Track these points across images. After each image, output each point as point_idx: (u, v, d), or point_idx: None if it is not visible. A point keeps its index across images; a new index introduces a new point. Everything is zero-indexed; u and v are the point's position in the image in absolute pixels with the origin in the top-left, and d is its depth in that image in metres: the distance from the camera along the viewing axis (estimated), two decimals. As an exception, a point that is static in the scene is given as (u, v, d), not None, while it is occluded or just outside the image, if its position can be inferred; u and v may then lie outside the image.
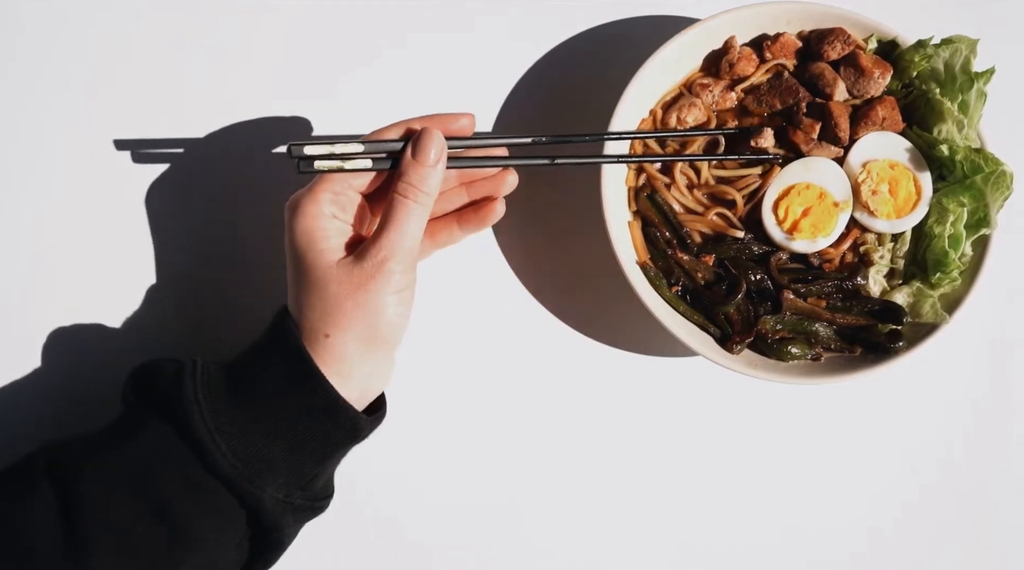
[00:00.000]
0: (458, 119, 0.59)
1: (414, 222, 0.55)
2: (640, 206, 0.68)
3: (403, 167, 0.55)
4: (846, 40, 0.67)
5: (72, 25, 0.72)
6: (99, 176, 0.70)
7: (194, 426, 0.51)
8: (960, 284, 0.65)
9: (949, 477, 0.73)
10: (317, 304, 0.53)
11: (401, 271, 0.54)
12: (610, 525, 0.71)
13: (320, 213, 0.54)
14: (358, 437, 0.55)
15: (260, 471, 0.52)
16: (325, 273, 0.53)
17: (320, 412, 0.53)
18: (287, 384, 0.53)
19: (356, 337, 0.53)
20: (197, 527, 0.51)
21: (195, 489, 0.51)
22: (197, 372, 0.53)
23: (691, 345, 0.64)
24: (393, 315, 0.54)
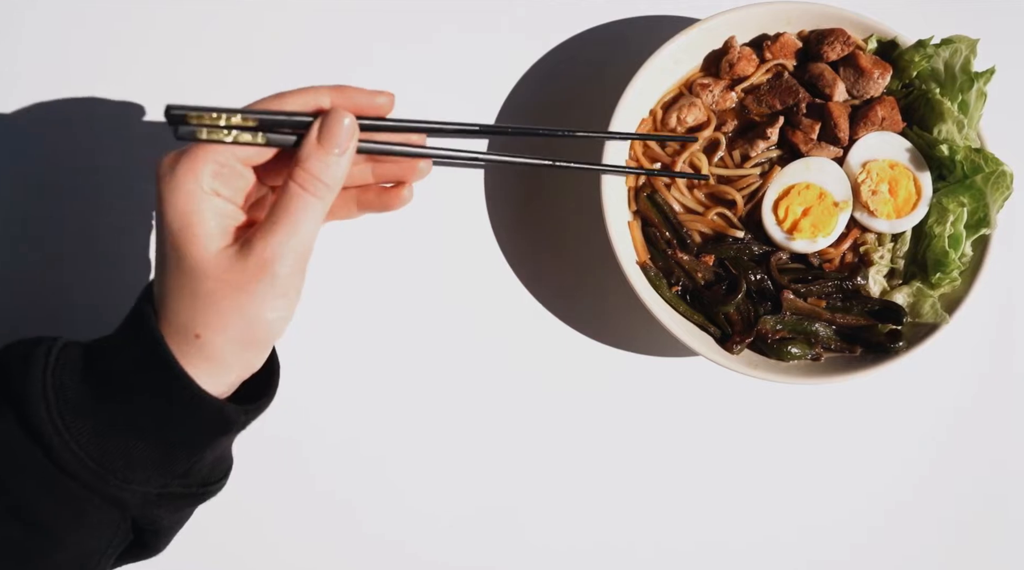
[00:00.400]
0: (375, 97, 0.50)
1: (310, 219, 0.46)
2: (640, 206, 0.68)
3: (305, 151, 0.47)
4: (846, 41, 0.67)
5: (73, 25, 0.72)
6: (93, 169, 0.70)
7: (40, 423, 0.45)
8: (960, 284, 0.65)
9: (949, 476, 0.73)
10: (188, 298, 0.46)
11: (288, 273, 0.46)
12: (610, 525, 0.71)
13: (199, 189, 0.46)
14: (232, 429, 0.49)
15: (119, 468, 0.46)
16: (199, 264, 0.45)
17: (181, 407, 0.47)
18: (144, 377, 0.46)
19: (231, 339, 0.47)
20: (59, 525, 0.47)
21: (51, 488, 0.46)
22: (51, 357, 0.47)
23: (691, 345, 0.64)
24: (274, 320, 0.47)
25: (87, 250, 0.69)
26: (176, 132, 0.45)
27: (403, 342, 0.71)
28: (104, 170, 0.70)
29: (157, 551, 0.52)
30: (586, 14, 0.75)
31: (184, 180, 0.45)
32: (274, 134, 0.47)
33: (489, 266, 0.72)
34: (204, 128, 0.45)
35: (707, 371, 0.71)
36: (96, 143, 0.71)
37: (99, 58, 0.72)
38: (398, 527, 0.70)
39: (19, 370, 0.47)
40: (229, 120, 0.46)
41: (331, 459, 0.70)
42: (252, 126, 0.46)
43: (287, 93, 0.49)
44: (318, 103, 0.49)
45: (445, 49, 0.74)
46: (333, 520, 0.69)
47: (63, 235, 0.69)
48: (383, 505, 0.70)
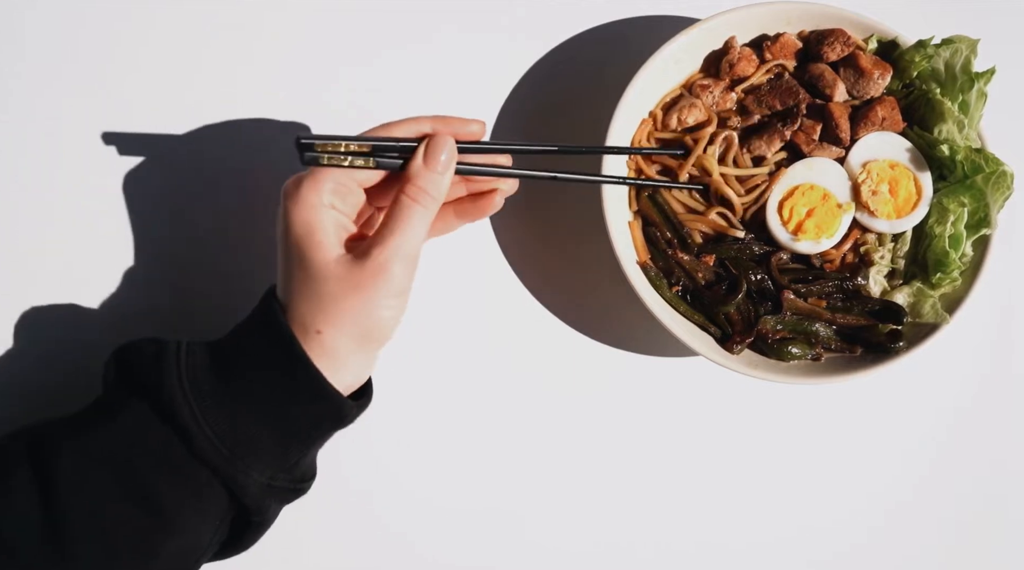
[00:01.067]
0: (468, 124, 0.58)
1: (419, 226, 0.54)
2: (641, 206, 0.68)
3: (413, 170, 0.54)
4: (846, 41, 0.67)
5: (74, 25, 0.72)
6: (97, 170, 0.70)
7: (178, 410, 0.50)
8: (960, 284, 0.65)
9: (949, 476, 0.73)
10: (312, 298, 0.52)
11: (402, 274, 0.53)
12: (610, 525, 0.71)
13: (320, 203, 0.53)
14: (344, 422, 0.54)
15: (245, 456, 0.51)
16: (322, 268, 0.52)
17: (307, 398, 0.52)
18: (274, 369, 0.52)
19: (349, 335, 0.52)
20: (179, 511, 0.51)
21: (178, 474, 0.51)
22: (181, 353, 0.52)
23: (691, 345, 0.64)
24: (389, 317, 0.53)
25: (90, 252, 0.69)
26: (302, 158, 0.52)
27: (403, 342, 0.71)
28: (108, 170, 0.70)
29: (249, 546, 0.56)
30: (586, 14, 0.75)
31: (307, 195, 0.52)
32: (383, 158, 0.55)
33: (489, 266, 0.72)
34: (326, 154, 0.53)
35: (707, 371, 0.71)
36: (97, 143, 0.71)
37: (101, 59, 0.71)
38: (399, 526, 0.70)
39: (151, 363, 0.52)
40: (348, 147, 0.53)
41: (331, 458, 0.70)
42: (365, 152, 0.54)
43: (395, 122, 0.56)
44: (421, 130, 0.56)
45: (445, 49, 0.74)
46: (333, 518, 0.69)
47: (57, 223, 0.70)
48: (384, 504, 0.70)
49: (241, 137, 0.71)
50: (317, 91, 0.72)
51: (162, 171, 0.71)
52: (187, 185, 0.70)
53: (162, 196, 0.70)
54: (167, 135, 0.71)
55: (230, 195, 0.71)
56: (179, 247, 0.70)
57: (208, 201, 0.70)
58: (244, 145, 0.71)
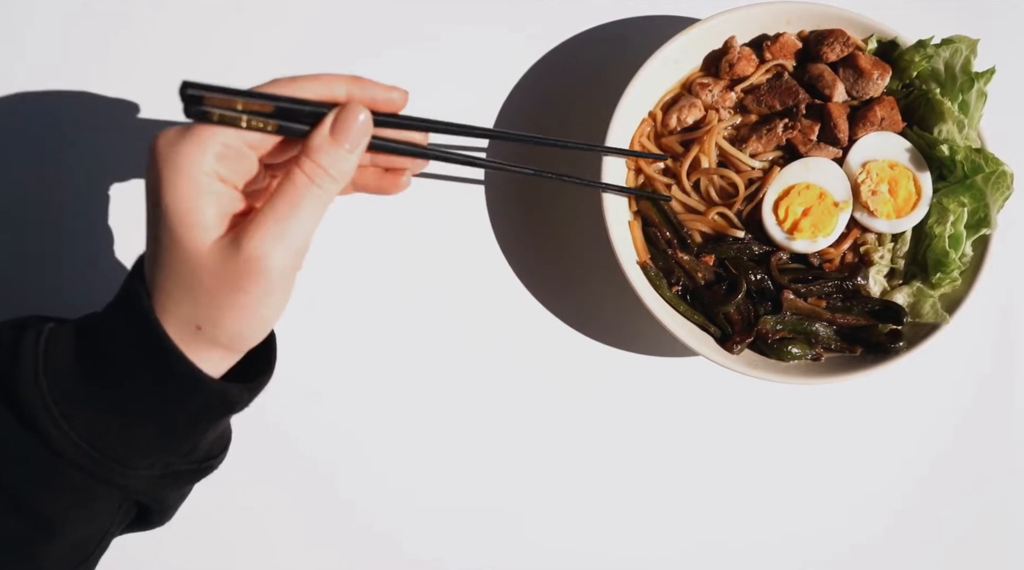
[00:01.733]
0: (390, 92, 0.48)
1: (311, 212, 0.44)
2: (640, 206, 0.68)
3: (315, 142, 0.44)
4: (845, 42, 0.67)
5: (74, 22, 0.72)
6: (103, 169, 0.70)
7: (36, 413, 0.44)
8: (960, 284, 0.65)
9: (949, 477, 0.73)
10: (187, 291, 0.44)
11: (285, 266, 0.44)
12: (609, 525, 0.71)
13: (202, 173, 0.43)
14: (235, 409, 0.47)
15: (123, 456, 0.45)
16: (195, 256, 0.43)
17: (185, 392, 0.45)
18: (143, 361, 0.44)
19: (230, 331, 0.45)
20: (60, 515, 0.46)
21: (50, 480, 0.45)
22: (40, 342, 0.45)
23: (691, 345, 0.64)
24: (270, 316, 0.46)
25: (90, 246, 0.69)
26: (187, 110, 0.42)
27: (403, 342, 0.71)
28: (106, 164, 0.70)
29: (162, 523, 0.52)
30: (586, 14, 0.75)
31: (188, 162, 0.42)
32: (286, 121, 0.45)
33: (489, 266, 0.72)
34: (218, 110, 0.42)
35: (707, 371, 0.71)
36: (98, 137, 0.71)
37: (101, 52, 0.72)
38: (398, 526, 0.70)
39: (7, 358, 0.45)
40: (248, 106, 0.43)
41: (332, 457, 0.70)
42: (268, 112, 0.44)
43: (302, 77, 0.46)
44: (333, 92, 0.47)
45: (445, 49, 0.74)
46: (332, 517, 0.69)
47: (63, 230, 0.70)
48: (384, 503, 0.70)
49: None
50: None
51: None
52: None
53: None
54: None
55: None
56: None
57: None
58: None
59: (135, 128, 0.71)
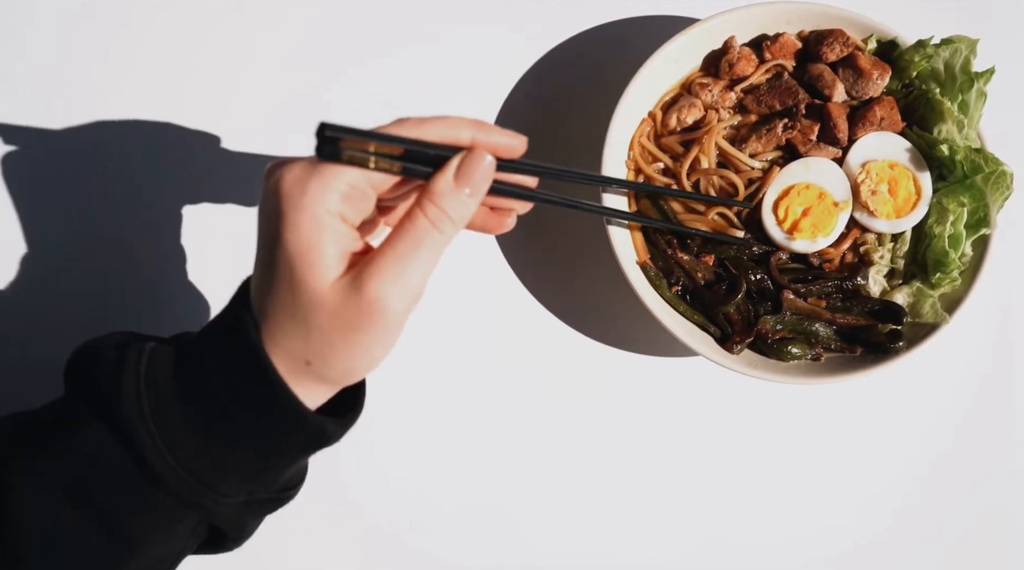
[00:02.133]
0: (511, 139, 0.48)
1: (431, 256, 0.44)
2: (641, 206, 0.68)
3: (439, 188, 0.44)
4: (845, 42, 0.67)
5: (74, 22, 0.72)
6: (98, 174, 0.70)
7: (135, 434, 0.44)
8: (960, 284, 0.65)
9: (949, 476, 0.73)
10: (301, 327, 0.44)
11: (403, 310, 0.44)
12: (611, 524, 0.71)
13: (326, 213, 0.43)
14: (328, 443, 0.48)
15: (216, 483, 0.46)
16: (315, 295, 0.43)
17: (286, 425, 0.45)
18: (246, 389, 0.45)
19: (338, 368, 0.46)
20: (144, 536, 0.46)
21: (139, 500, 0.45)
22: (142, 363, 0.45)
23: (691, 345, 0.64)
24: (381, 354, 0.46)
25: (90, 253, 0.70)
26: (320, 151, 0.42)
27: (403, 342, 0.71)
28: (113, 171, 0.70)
29: (235, 548, 0.52)
30: (586, 14, 0.75)
31: (312, 201, 0.42)
32: (411, 164, 0.44)
33: (489, 265, 0.72)
34: (348, 151, 0.42)
35: (707, 371, 0.71)
36: (98, 137, 0.71)
37: (101, 52, 0.72)
38: (398, 527, 0.70)
39: (109, 373, 0.45)
40: (379, 148, 0.43)
41: (332, 456, 0.70)
42: (396, 155, 0.44)
43: (429, 119, 0.46)
44: (458, 136, 0.46)
45: (445, 49, 0.74)
46: (333, 515, 0.69)
47: (66, 240, 0.70)
48: (383, 503, 0.70)
49: (243, 138, 0.71)
50: (317, 92, 0.73)
51: (158, 173, 0.71)
52: (187, 186, 0.71)
53: (161, 198, 0.70)
54: (166, 136, 0.71)
55: (232, 195, 0.71)
56: (183, 252, 0.70)
57: (213, 202, 0.71)
58: (245, 146, 0.71)
59: (135, 129, 0.71)
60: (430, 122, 0.46)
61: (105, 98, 0.71)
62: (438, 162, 0.45)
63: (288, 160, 0.44)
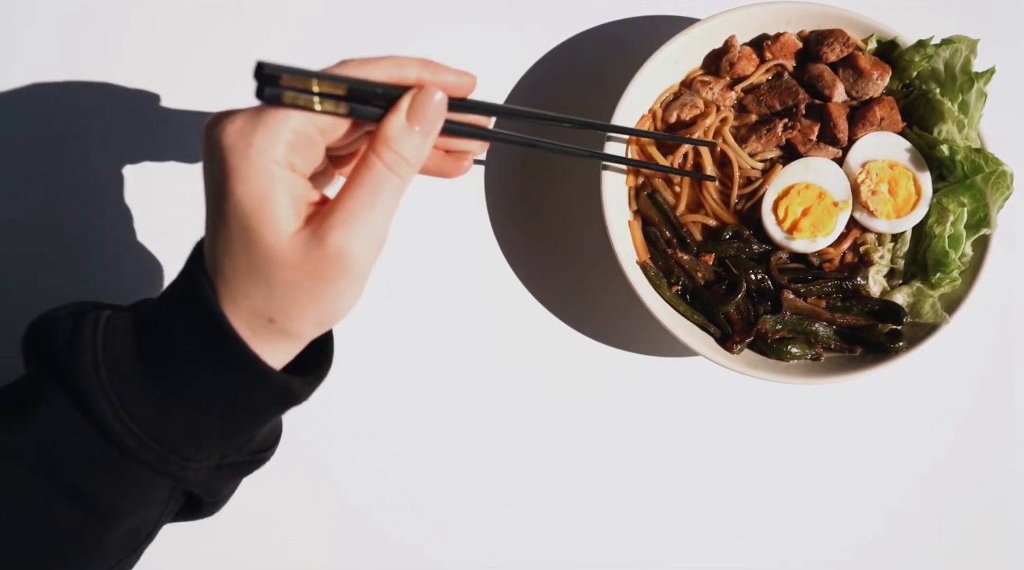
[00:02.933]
0: (461, 77, 0.47)
1: (391, 200, 0.43)
2: (640, 205, 0.68)
3: (392, 129, 0.43)
4: (845, 42, 0.67)
5: (78, 19, 0.72)
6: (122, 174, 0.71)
7: (95, 403, 0.43)
8: (960, 284, 0.65)
9: (949, 476, 0.73)
10: (261, 285, 0.43)
11: (368, 258, 0.43)
12: (611, 524, 0.71)
13: (276, 163, 0.41)
14: (295, 402, 0.47)
15: (181, 448, 0.44)
16: (274, 251, 0.42)
17: (247, 384, 0.44)
18: (205, 351, 0.43)
19: (304, 321, 0.44)
20: (117, 504, 0.45)
21: (108, 470, 0.44)
22: (99, 330, 0.44)
23: (691, 345, 0.64)
24: (348, 306, 0.45)
25: (91, 241, 0.69)
26: (260, 92, 0.40)
27: (402, 342, 0.71)
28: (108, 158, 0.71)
29: (212, 513, 0.51)
30: (586, 14, 0.75)
31: (259, 151, 0.41)
32: (358, 104, 0.43)
33: (489, 266, 0.72)
34: (291, 92, 0.40)
35: (707, 371, 0.71)
36: (98, 136, 0.71)
37: (101, 52, 0.72)
38: (397, 527, 0.70)
39: (65, 343, 0.44)
40: (321, 86, 0.41)
41: (332, 454, 0.70)
42: (341, 95, 0.42)
43: (373, 59, 0.45)
44: (404, 75, 0.45)
45: (445, 49, 0.74)
46: (327, 521, 0.69)
47: (65, 224, 0.70)
48: (383, 502, 0.70)
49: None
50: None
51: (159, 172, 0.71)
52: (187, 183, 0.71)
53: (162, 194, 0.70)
54: (168, 136, 0.71)
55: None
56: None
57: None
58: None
59: (136, 127, 0.71)
60: (374, 61, 0.45)
61: (105, 97, 0.71)
62: (387, 103, 0.44)
63: (229, 111, 0.42)
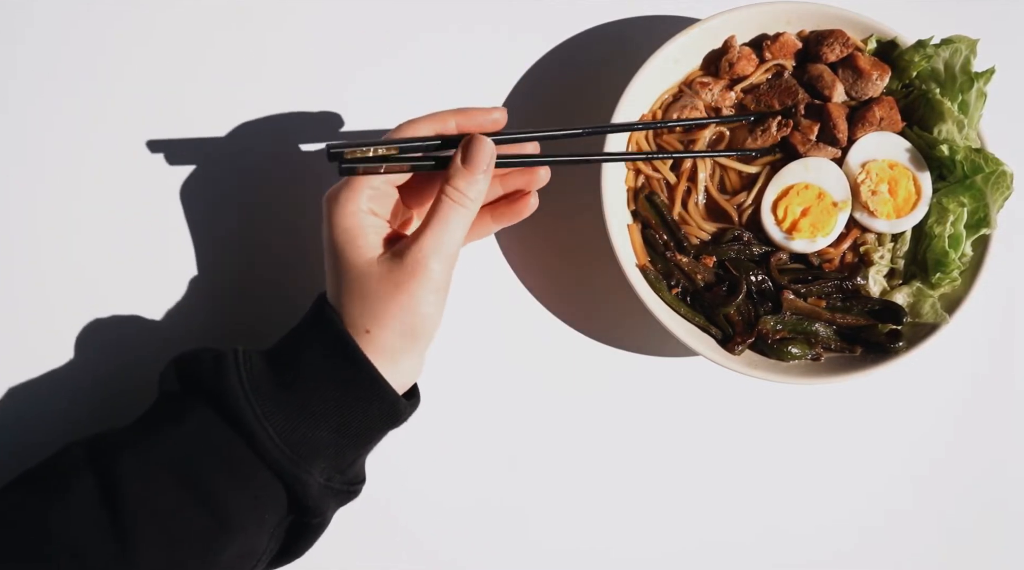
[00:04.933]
0: (490, 114, 0.59)
1: (458, 225, 0.55)
2: (638, 207, 0.68)
3: (452, 172, 0.56)
4: (845, 42, 0.67)
5: (89, 22, 0.72)
6: (125, 174, 0.70)
7: (241, 413, 0.51)
8: (960, 284, 0.65)
9: (949, 476, 0.73)
10: (357, 299, 0.54)
11: (441, 271, 0.54)
12: (611, 524, 0.71)
13: (359, 210, 0.55)
14: (398, 420, 0.56)
15: (306, 455, 0.52)
16: (365, 270, 0.54)
17: (365, 399, 0.54)
18: (330, 367, 0.53)
19: (396, 332, 0.54)
20: (241, 514, 0.52)
21: (241, 476, 0.52)
22: (239, 358, 0.54)
23: (693, 346, 0.64)
24: (430, 314, 0.55)
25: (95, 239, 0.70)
26: (339, 170, 0.54)
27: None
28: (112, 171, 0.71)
29: (300, 554, 0.57)
30: (586, 14, 0.75)
31: (346, 203, 0.55)
32: (412, 159, 0.56)
33: (489, 267, 0.72)
34: (359, 164, 0.54)
35: (707, 371, 0.71)
36: (98, 134, 0.71)
37: (100, 52, 0.71)
38: (402, 523, 0.70)
39: (211, 369, 0.53)
40: (376, 151, 0.55)
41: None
42: (394, 154, 0.56)
43: (416, 120, 0.57)
44: (444, 127, 0.57)
45: (445, 49, 0.74)
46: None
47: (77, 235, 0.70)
48: (383, 502, 0.70)
49: (243, 137, 0.71)
50: (327, 92, 0.72)
51: (183, 175, 0.71)
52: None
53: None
54: (192, 137, 0.71)
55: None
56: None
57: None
58: (246, 144, 0.71)
59: (135, 127, 0.71)
60: (417, 122, 0.58)
61: (104, 97, 0.71)
62: (437, 154, 0.57)
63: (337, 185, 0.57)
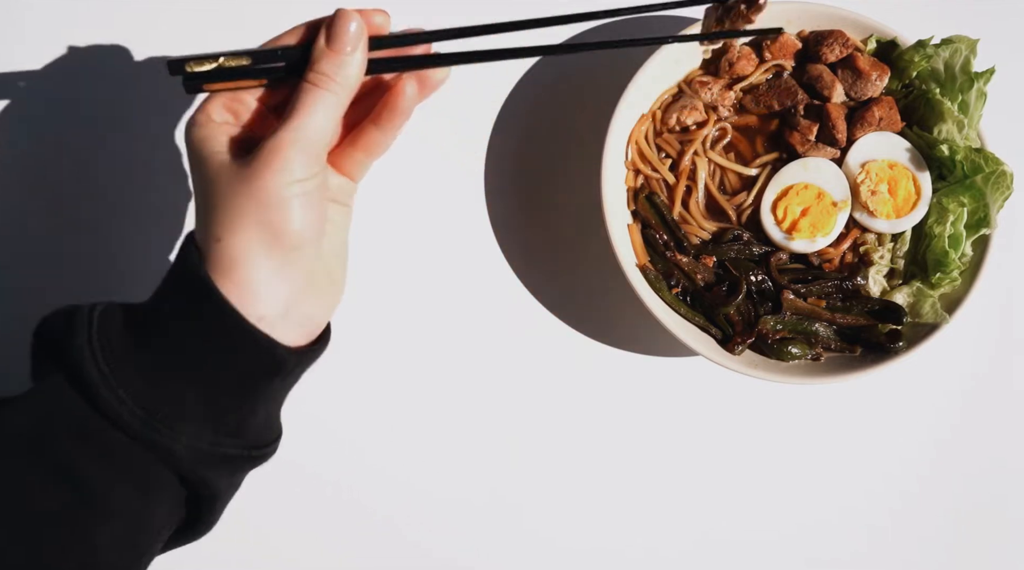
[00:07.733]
0: (372, 16, 0.49)
1: (322, 113, 0.46)
2: (638, 207, 0.68)
3: (315, 56, 0.47)
4: (844, 43, 0.67)
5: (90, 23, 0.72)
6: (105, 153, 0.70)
7: (85, 371, 0.44)
8: (960, 284, 0.65)
9: (949, 476, 0.73)
10: (208, 208, 0.46)
11: (303, 161, 0.45)
12: (610, 524, 0.71)
13: (208, 120, 0.48)
14: (282, 369, 0.47)
15: (169, 416, 0.45)
16: (216, 171, 0.46)
17: (225, 340, 0.45)
18: (187, 313, 0.45)
19: (254, 238, 0.45)
20: (108, 488, 0.45)
21: (97, 444, 0.45)
22: (94, 313, 0.46)
23: (693, 346, 0.64)
24: (299, 214, 0.45)
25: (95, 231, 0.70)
26: (185, 86, 0.47)
27: (404, 342, 0.71)
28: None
29: (208, 527, 0.50)
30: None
31: (195, 116, 0.48)
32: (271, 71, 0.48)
33: (489, 267, 0.72)
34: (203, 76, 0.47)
35: (707, 371, 0.71)
36: (99, 124, 0.71)
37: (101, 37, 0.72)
38: (397, 522, 0.70)
39: (61, 327, 0.46)
40: (225, 63, 0.47)
41: (332, 452, 0.70)
42: (245, 65, 0.48)
43: (285, 33, 0.49)
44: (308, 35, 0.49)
45: (445, 48, 0.74)
46: (333, 513, 0.69)
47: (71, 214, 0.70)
48: (382, 502, 0.70)
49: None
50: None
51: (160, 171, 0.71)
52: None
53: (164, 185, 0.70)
54: (171, 139, 0.71)
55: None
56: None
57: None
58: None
59: (136, 109, 0.71)
60: (286, 33, 0.49)
61: (104, 82, 0.71)
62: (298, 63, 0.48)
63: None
